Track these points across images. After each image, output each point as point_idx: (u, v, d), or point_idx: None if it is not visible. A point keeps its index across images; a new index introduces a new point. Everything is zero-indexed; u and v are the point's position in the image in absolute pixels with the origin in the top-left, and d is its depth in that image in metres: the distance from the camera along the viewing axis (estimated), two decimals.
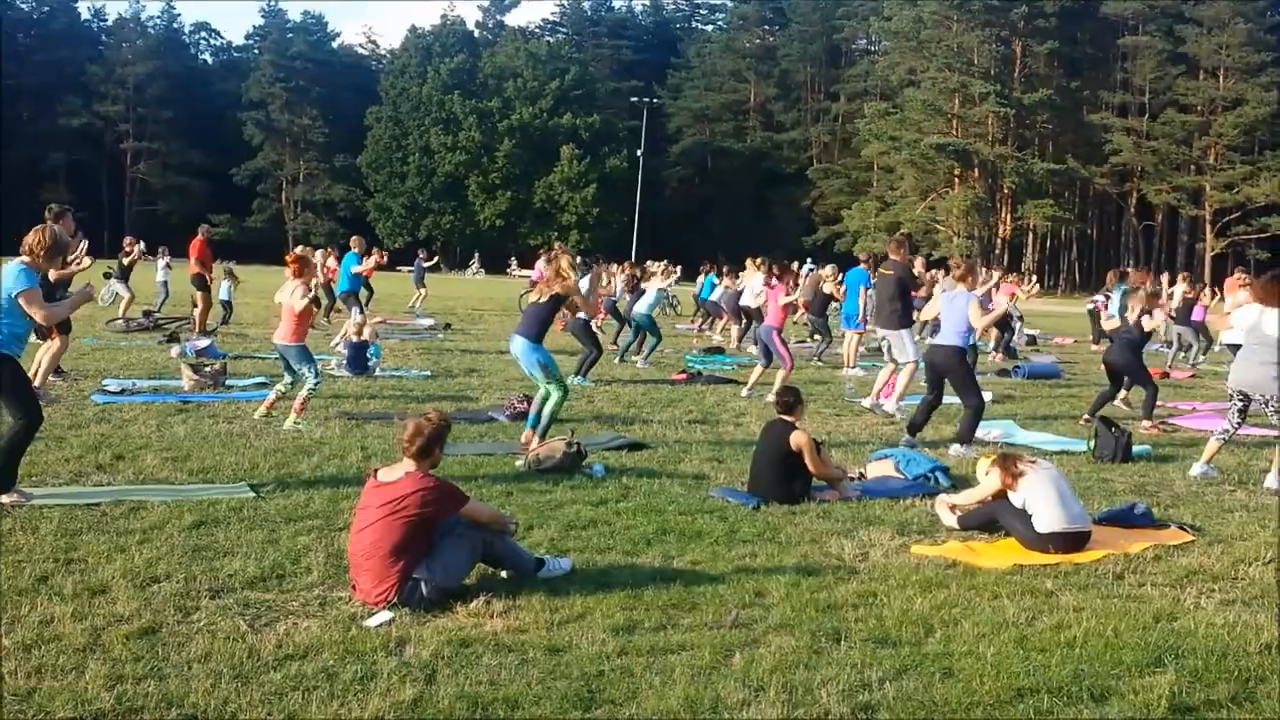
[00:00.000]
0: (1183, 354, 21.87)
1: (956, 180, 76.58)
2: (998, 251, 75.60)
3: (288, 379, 10.89)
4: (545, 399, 9.87)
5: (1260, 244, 71.28)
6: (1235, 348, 17.31)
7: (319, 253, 24.60)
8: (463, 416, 11.55)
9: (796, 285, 15.68)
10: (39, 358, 11.83)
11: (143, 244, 25.31)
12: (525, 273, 72.56)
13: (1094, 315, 26.81)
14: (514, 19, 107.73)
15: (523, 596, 5.55)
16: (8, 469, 7.20)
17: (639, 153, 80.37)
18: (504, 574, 5.91)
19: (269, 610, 5.32)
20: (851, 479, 8.68)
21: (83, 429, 9.91)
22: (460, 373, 15.68)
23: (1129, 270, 25.69)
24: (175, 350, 16.15)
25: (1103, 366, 13.30)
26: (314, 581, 5.76)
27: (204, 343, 16.37)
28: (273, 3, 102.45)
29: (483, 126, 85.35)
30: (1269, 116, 70.86)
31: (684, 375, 16.00)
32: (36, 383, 11.39)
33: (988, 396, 13.90)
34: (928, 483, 8.70)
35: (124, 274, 23.51)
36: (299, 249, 12.19)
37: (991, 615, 5.52)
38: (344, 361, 14.93)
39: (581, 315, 15.29)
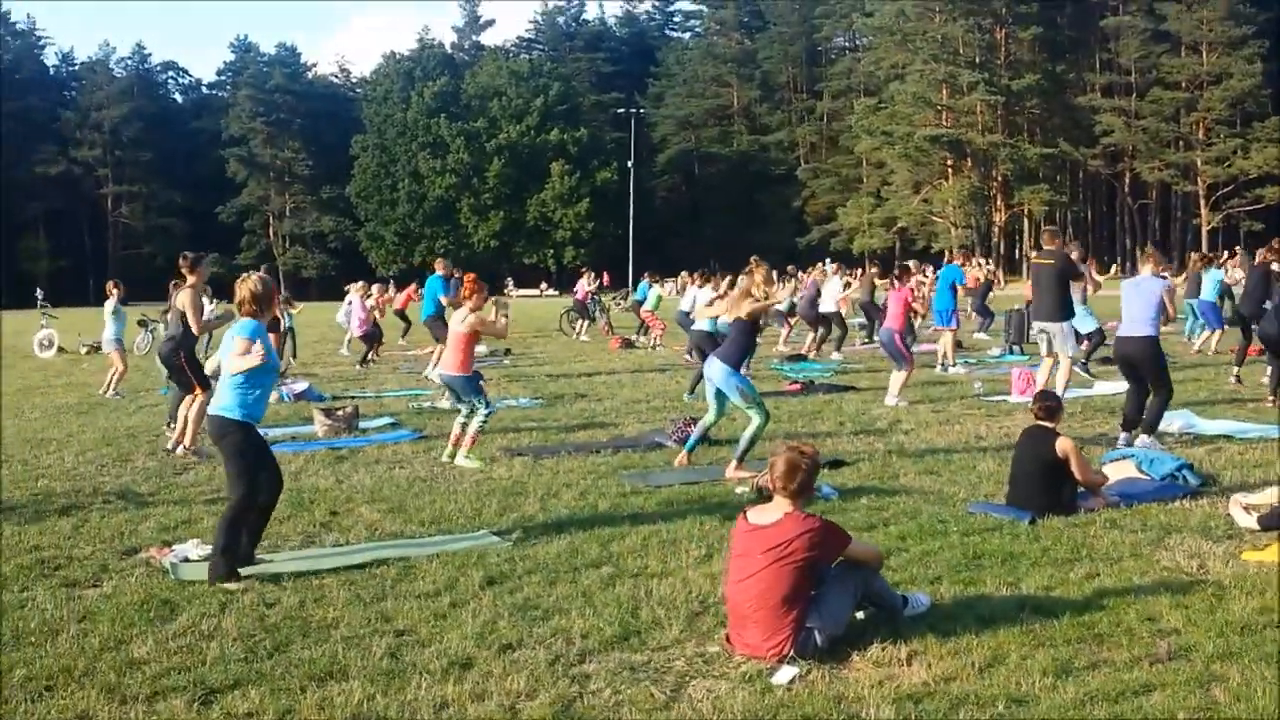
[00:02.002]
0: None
1: (950, 171, 76.62)
2: (995, 240, 75.71)
3: (465, 410, 10.48)
4: (711, 425, 9.67)
5: (1253, 215, 71.54)
6: None
7: (375, 288, 24.12)
8: (623, 444, 11.16)
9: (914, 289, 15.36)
10: (183, 414, 11.36)
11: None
12: (527, 292, 72.59)
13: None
14: (489, 38, 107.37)
15: (915, 640, 5.16)
16: (250, 540, 6.76)
17: (629, 164, 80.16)
18: (859, 614, 5.51)
19: (659, 673, 4.92)
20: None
21: None
22: (571, 397, 15.28)
23: (1210, 255, 25.14)
24: (272, 396, 15.62)
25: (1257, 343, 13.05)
26: (677, 637, 5.34)
27: (301, 385, 15.92)
28: (242, 38, 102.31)
29: (470, 148, 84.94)
30: (1254, 89, 71.12)
31: (797, 385, 15.63)
32: (187, 441, 10.96)
33: (1115, 387, 13.70)
34: (1176, 482, 8.35)
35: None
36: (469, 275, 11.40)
37: None
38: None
39: (704, 327, 14.95)
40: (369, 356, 21.63)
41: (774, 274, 10.64)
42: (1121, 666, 4.80)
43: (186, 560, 6.89)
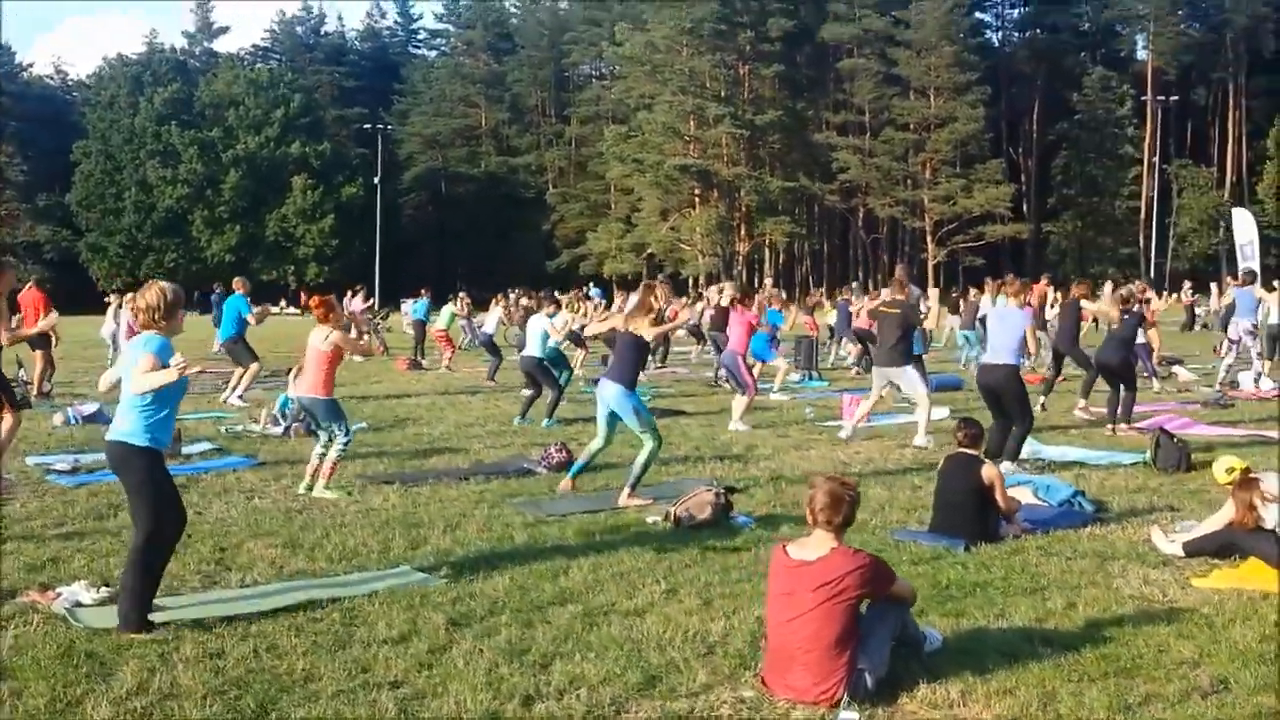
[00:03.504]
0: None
1: (697, 200, 78.34)
2: (739, 268, 77.89)
3: (323, 439, 9.68)
4: (599, 450, 9.39)
5: (974, 252, 76.26)
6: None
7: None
8: (488, 470, 10.64)
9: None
10: None
11: None
12: (289, 311, 69.35)
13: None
14: (223, 45, 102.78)
15: (954, 678, 4.98)
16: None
17: (375, 180, 78.34)
18: None
19: None
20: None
21: (108, 518, 8.49)
22: (394, 421, 14.56)
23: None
24: (58, 419, 14.23)
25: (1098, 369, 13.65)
26: (707, 683, 4.99)
27: (90, 407, 14.50)
28: None
29: (205, 158, 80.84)
30: (977, 132, 76.01)
31: None
32: None
33: (944, 413, 14.15)
34: (1073, 509, 8.58)
35: None
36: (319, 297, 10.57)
37: None
38: (275, 419, 13.56)
39: (535, 354, 14.54)
40: None
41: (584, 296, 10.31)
42: (1174, 700, 4.77)
43: (79, 605, 6.04)
